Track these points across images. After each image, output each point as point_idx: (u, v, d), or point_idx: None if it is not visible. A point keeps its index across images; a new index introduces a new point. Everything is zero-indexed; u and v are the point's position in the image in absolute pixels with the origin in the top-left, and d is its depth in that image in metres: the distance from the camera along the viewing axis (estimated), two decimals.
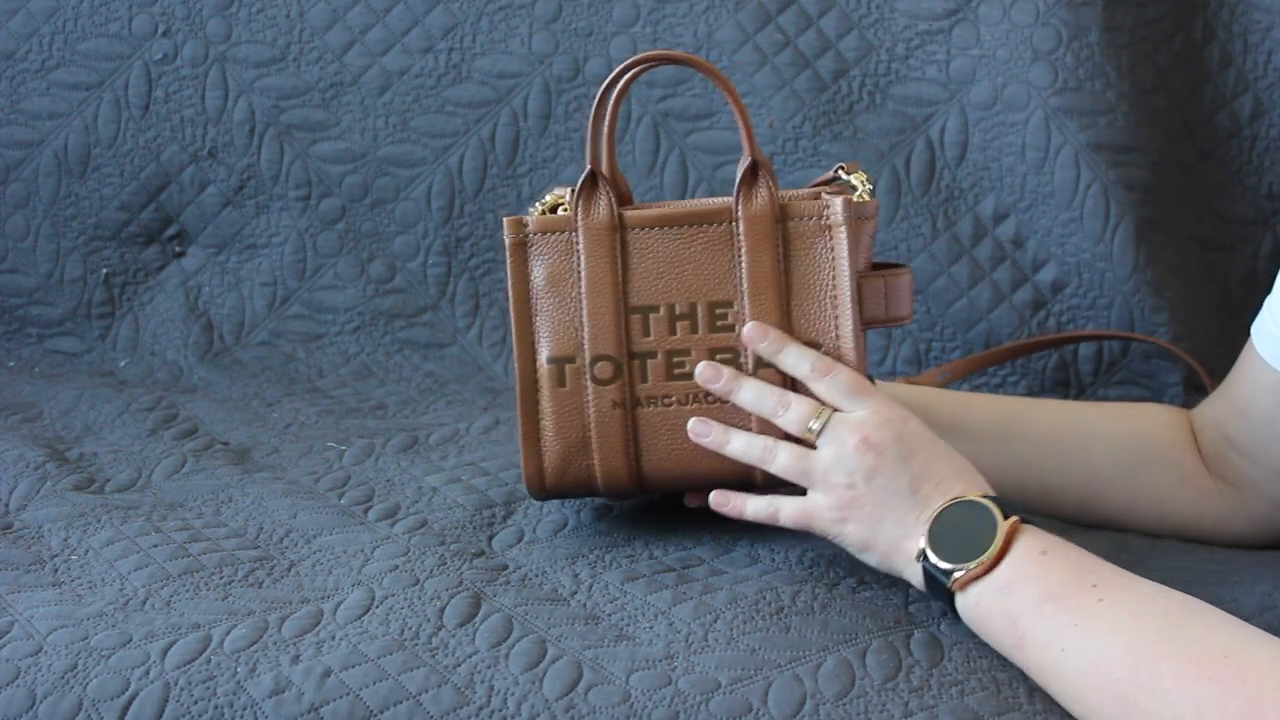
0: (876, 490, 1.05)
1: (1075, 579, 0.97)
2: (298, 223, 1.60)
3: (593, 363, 1.12)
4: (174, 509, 1.23)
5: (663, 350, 1.12)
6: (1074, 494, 1.24)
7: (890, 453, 1.05)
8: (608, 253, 1.12)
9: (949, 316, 1.49)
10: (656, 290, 1.12)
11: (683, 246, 1.12)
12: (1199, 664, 0.89)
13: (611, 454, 1.12)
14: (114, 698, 1.00)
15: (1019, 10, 1.47)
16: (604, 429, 1.12)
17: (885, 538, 1.05)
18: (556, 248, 1.13)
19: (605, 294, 1.12)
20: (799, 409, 1.09)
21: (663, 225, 1.12)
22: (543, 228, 1.13)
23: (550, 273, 1.13)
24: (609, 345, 1.12)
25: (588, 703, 0.97)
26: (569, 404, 1.13)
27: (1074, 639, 0.94)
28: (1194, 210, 1.48)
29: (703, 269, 1.12)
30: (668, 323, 1.12)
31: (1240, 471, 1.21)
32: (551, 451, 1.13)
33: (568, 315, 1.13)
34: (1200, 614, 0.93)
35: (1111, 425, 1.25)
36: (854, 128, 1.51)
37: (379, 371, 1.57)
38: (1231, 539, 1.22)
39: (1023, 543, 1.00)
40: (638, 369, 1.12)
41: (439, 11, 1.58)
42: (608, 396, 1.12)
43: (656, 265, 1.12)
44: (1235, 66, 1.47)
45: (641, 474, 1.13)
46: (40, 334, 1.63)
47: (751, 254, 1.11)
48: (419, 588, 1.09)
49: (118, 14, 1.61)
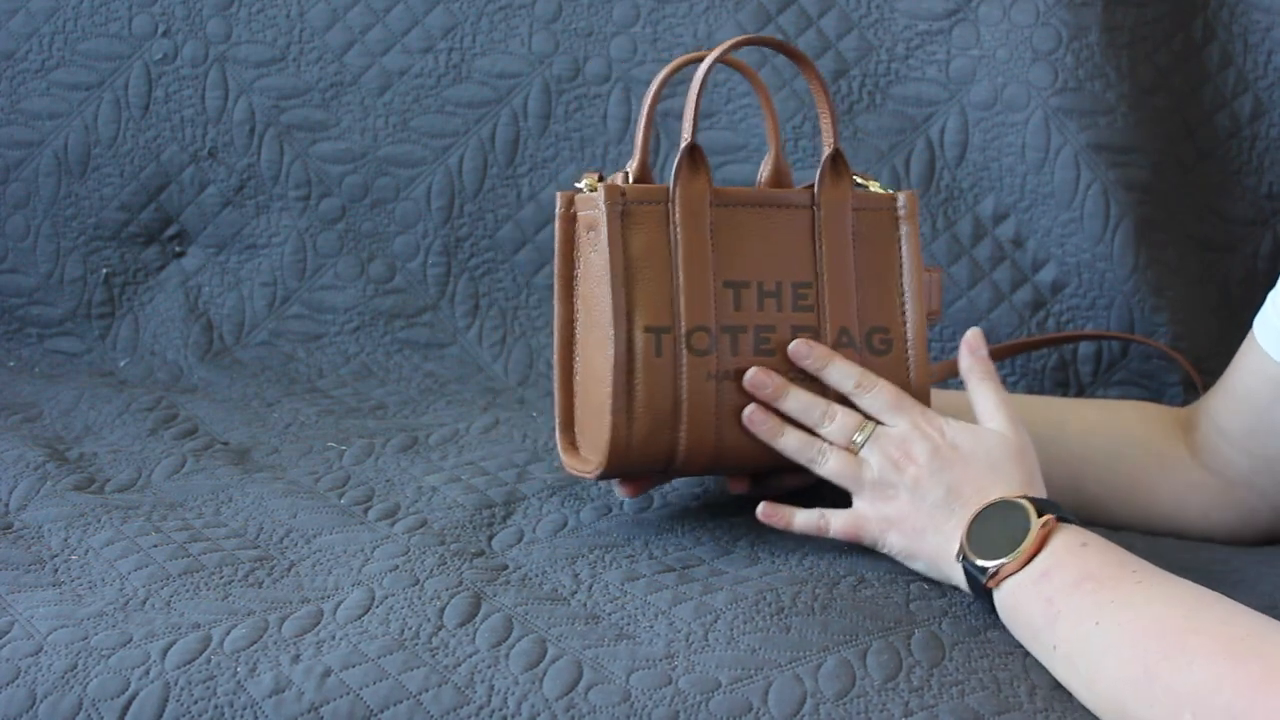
0: (917, 503, 1.09)
1: (1115, 564, 0.99)
2: (298, 223, 1.60)
3: (689, 334, 1.12)
4: (174, 509, 1.23)
5: (753, 325, 1.13)
6: (1059, 475, 1.24)
7: (928, 467, 1.08)
8: (704, 226, 1.13)
9: (949, 316, 1.49)
10: (747, 266, 1.14)
11: (769, 226, 1.15)
12: (1222, 641, 0.91)
13: (701, 426, 1.12)
14: (114, 697, 0.99)
15: (1019, 10, 1.47)
16: (697, 400, 1.12)
17: (928, 548, 1.08)
18: (652, 218, 1.13)
19: (702, 266, 1.13)
20: (844, 421, 1.12)
21: (751, 204, 1.15)
22: (641, 197, 1.14)
23: (646, 243, 1.13)
24: (705, 317, 1.13)
25: (588, 702, 0.97)
26: (664, 375, 1.12)
27: (1110, 614, 0.96)
28: (1194, 210, 1.48)
29: (786, 249, 1.14)
30: (757, 298, 1.13)
31: (1231, 463, 1.21)
32: (641, 423, 1.12)
33: (663, 286, 1.13)
34: (1229, 603, 0.95)
35: (1084, 410, 1.28)
36: (854, 128, 1.51)
37: (379, 371, 1.57)
38: (1219, 531, 1.23)
39: (1060, 538, 1.02)
40: (729, 343, 1.13)
41: (439, 11, 1.58)
42: (703, 368, 1.12)
43: (746, 242, 1.14)
44: (1235, 66, 1.47)
45: (722, 449, 1.13)
46: (40, 334, 1.63)
47: (830, 239, 1.15)
48: (419, 588, 1.09)
49: (118, 14, 1.61)
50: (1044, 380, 1.48)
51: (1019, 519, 1.03)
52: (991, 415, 1.12)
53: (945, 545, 1.07)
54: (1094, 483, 1.24)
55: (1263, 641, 0.90)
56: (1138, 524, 1.24)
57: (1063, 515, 1.04)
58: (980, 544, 1.04)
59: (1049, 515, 1.03)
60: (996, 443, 1.10)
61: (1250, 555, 1.20)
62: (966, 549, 1.04)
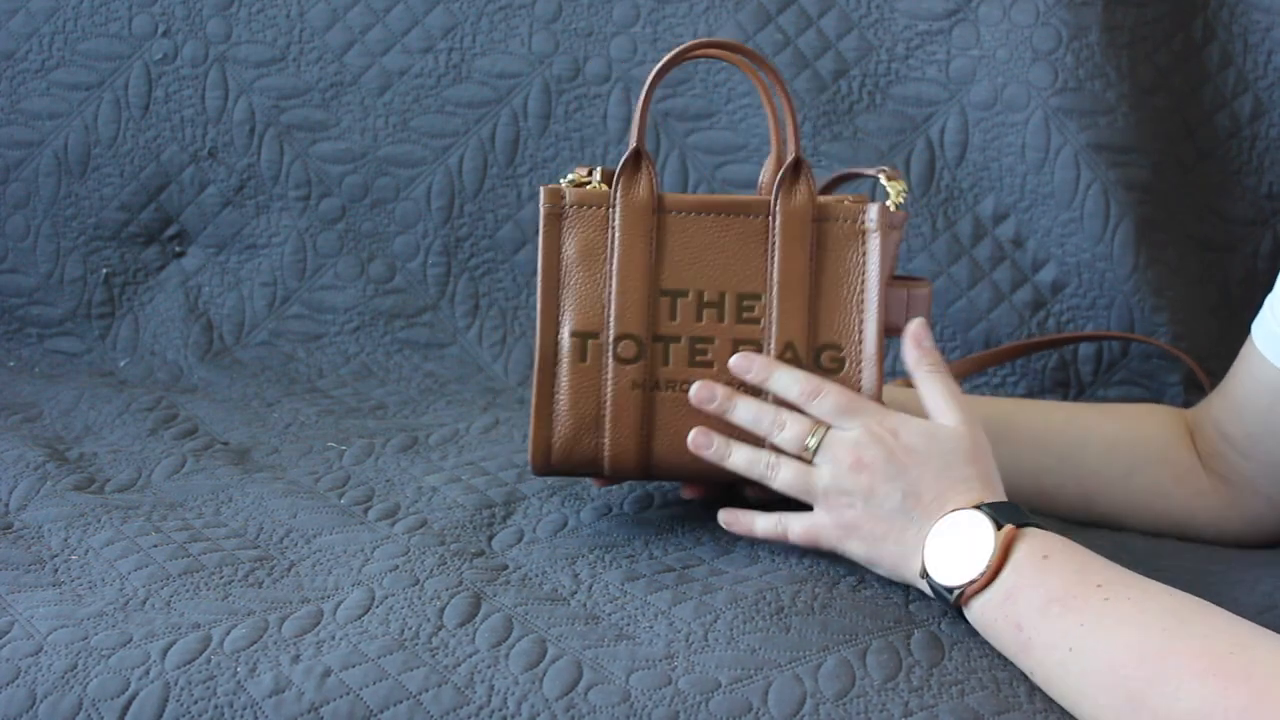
0: (873, 510, 1.06)
1: (1079, 580, 0.97)
2: (298, 223, 1.60)
3: (616, 340, 1.12)
4: (174, 509, 1.23)
5: (687, 336, 1.12)
6: (1070, 493, 1.24)
7: (882, 472, 1.06)
8: (644, 232, 1.12)
9: (949, 316, 1.49)
10: (688, 275, 1.12)
11: (719, 234, 1.12)
12: (1206, 659, 0.89)
13: (624, 434, 1.12)
14: (114, 697, 0.99)
15: (1019, 10, 1.47)
16: (619, 408, 1.12)
17: (888, 556, 1.06)
18: (592, 222, 1.13)
19: (637, 273, 1.12)
20: (794, 427, 1.09)
21: (700, 211, 1.12)
22: (580, 200, 1.13)
23: (583, 246, 1.13)
24: (635, 324, 1.12)
25: (588, 702, 0.97)
26: (587, 379, 1.12)
27: (1081, 639, 0.94)
28: (1194, 210, 1.48)
29: (735, 259, 1.12)
30: (695, 308, 1.12)
31: (1236, 468, 1.21)
32: (563, 426, 1.12)
33: (596, 291, 1.12)
34: (1206, 611, 0.93)
35: (1105, 424, 1.26)
36: (854, 128, 1.51)
37: (379, 371, 1.57)
38: (1227, 537, 1.23)
39: (1023, 549, 0.99)
40: (660, 352, 1.12)
41: (439, 11, 1.57)
42: (627, 376, 1.12)
43: (690, 250, 1.12)
44: (1235, 66, 1.47)
45: (650, 458, 1.13)
46: (40, 334, 1.63)
47: (784, 250, 1.11)
48: (419, 588, 1.09)
49: (118, 14, 1.61)
50: (1044, 380, 1.48)
51: (979, 533, 1.01)
52: (943, 410, 1.09)
53: (906, 556, 1.05)
54: (1106, 499, 1.24)
55: (1249, 657, 0.88)
56: (1146, 531, 1.24)
57: (1022, 520, 1.01)
58: (941, 562, 1.02)
59: (1009, 526, 1.00)
60: (951, 441, 1.07)
61: (1249, 556, 1.20)
62: (927, 569, 1.02)
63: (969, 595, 1.00)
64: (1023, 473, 1.22)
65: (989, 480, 1.06)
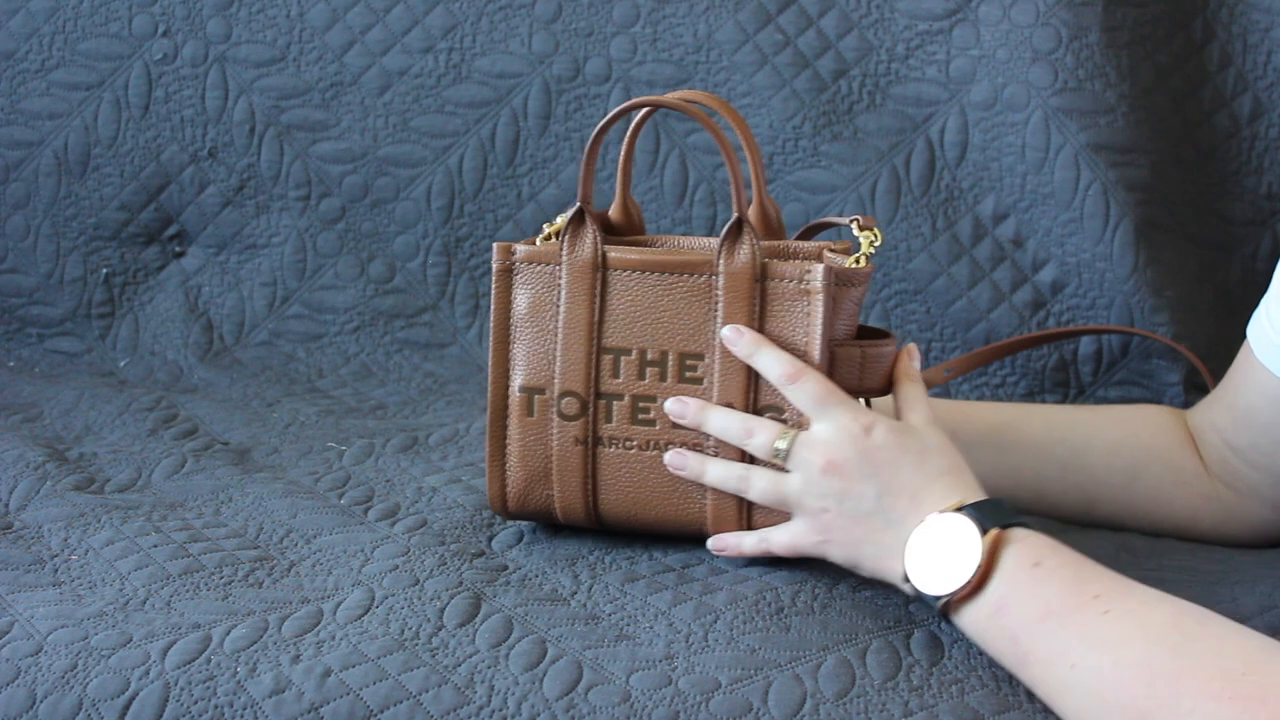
0: (849, 512, 1.05)
1: (1074, 591, 0.94)
2: (298, 223, 1.60)
3: (560, 397, 1.12)
4: (174, 509, 1.23)
5: (630, 394, 1.11)
6: (1073, 498, 1.24)
7: (855, 472, 1.04)
8: (587, 291, 1.12)
9: (949, 316, 1.49)
10: (631, 334, 1.11)
11: (662, 293, 1.11)
12: (1220, 681, 0.86)
13: (570, 488, 1.13)
14: (114, 697, 1.00)
15: (1019, 10, 1.47)
16: (564, 463, 1.13)
17: (867, 559, 1.05)
18: (541, 278, 1.13)
19: (580, 332, 1.12)
20: (764, 433, 1.08)
21: (644, 270, 1.11)
22: (529, 258, 1.13)
23: (532, 302, 1.13)
24: (577, 382, 1.12)
25: (588, 702, 0.97)
26: (535, 434, 1.13)
27: (1082, 655, 0.91)
28: (1194, 210, 1.48)
29: (679, 318, 1.11)
30: (638, 367, 1.11)
31: (1242, 476, 1.21)
32: (515, 476, 1.14)
33: (544, 347, 1.13)
34: (1210, 624, 0.91)
35: (1108, 429, 1.25)
36: (854, 128, 1.51)
37: (379, 371, 1.57)
38: (1228, 540, 1.23)
39: (1011, 556, 0.97)
40: (603, 409, 1.12)
41: (439, 11, 1.58)
42: (571, 432, 1.12)
43: (634, 309, 1.11)
44: (1235, 66, 1.47)
45: (599, 511, 1.13)
46: (40, 334, 1.63)
47: (728, 310, 1.10)
48: (419, 588, 1.09)
49: (118, 14, 1.61)
50: (1044, 380, 1.48)
51: (963, 538, 0.98)
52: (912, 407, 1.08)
53: (886, 558, 1.03)
54: (1108, 504, 1.23)
55: (1263, 675, 0.86)
56: (1150, 533, 1.23)
57: (1007, 521, 0.98)
58: (925, 569, 0.99)
59: (994, 531, 0.97)
60: (925, 437, 1.05)
61: (1249, 556, 1.20)
62: (910, 574, 1.00)
63: (956, 603, 0.98)
64: (1025, 478, 1.22)
65: (964, 475, 1.04)
